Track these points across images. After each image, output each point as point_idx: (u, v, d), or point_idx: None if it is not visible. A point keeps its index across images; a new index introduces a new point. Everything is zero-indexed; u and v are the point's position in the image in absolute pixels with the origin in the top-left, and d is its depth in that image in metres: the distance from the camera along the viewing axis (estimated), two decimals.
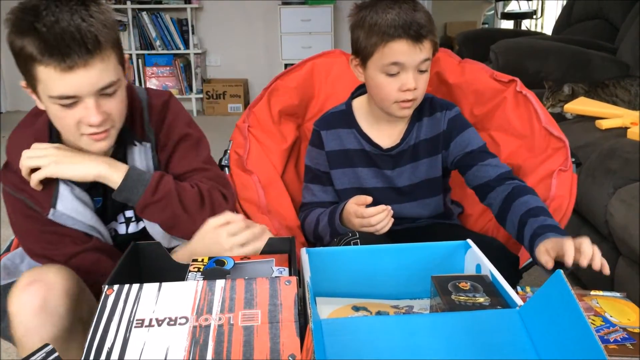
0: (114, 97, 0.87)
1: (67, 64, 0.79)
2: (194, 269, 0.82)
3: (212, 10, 4.38)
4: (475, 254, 0.89)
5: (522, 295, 0.95)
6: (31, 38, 0.79)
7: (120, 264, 0.83)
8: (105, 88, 0.84)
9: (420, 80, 1.08)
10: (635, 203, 1.32)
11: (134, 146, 0.98)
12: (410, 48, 1.03)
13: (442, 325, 0.68)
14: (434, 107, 1.20)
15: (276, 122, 1.36)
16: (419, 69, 1.07)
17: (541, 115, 1.24)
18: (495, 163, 1.14)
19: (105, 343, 0.65)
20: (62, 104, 0.83)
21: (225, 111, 4.31)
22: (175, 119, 1.01)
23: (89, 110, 0.84)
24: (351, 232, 1.09)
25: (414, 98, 1.09)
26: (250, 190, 1.22)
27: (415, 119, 1.19)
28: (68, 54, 0.78)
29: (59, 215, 0.91)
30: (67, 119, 0.85)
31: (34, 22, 0.78)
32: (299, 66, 1.40)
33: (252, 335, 0.65)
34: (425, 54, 1.06)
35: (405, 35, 1.02)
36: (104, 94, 0.85)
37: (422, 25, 1.03)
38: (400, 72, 1.06)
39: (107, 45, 0.82)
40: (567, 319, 0.62)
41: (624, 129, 1.66)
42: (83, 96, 0.83)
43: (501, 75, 1.33)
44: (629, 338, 0.86)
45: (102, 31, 0.81)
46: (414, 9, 1.05)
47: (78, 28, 0.79)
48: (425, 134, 1.19)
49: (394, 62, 1.05)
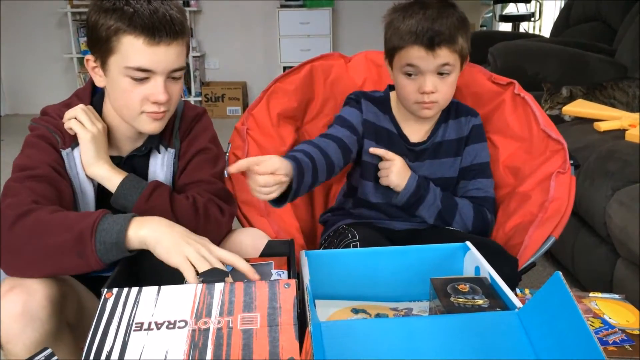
0: (177, 83, 0.95)
1: (156, 40, 0.87)
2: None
3: (211, 13, 4.39)
4: (474, 256, 0.89)
5: (520, 297, 0.95)
6: (123, 15, 0.87)
7: (120, 267, 0.83)
8: (176, 71, 0.92)
9: (442, 84, 1.11)
10: (634, 205, 1.32)
11: (159, 150, 1.03)
12: (425, 54, 1.08)
13: (441, 328, 0.68)
14: (459, 111, 1.25)
15: (275, 125, 1.37)
16: (439, 72, 1.10)
17: (539, 117, 1.25)
18: (483, 186, 1.22)
19: (104, 346, 0.65)
20: (135, 76, 0.90)
21: (224, 114, 4.31)
22: (201, 132, 1.06)
23: (158, 87, 0.91)
24: (351, 234, 1.09)
25: (434, 101, 1.12)
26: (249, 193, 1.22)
27: (443, 120, 1.23)
28: (159, 30, 0.87)
29: (71, 159, 0.95)
30: (134, 93, 0.91)
31: (124, 6, 0.88)
32: (298, 69, 1.40)
33: (251, 339, 0.65)
34: (442, 60, 1.08)
35: (418, 42, 1.07)
36: (172, 77, 0.93)
37: (439, 32, 1.06)
38: (419, 75, 1.10)
39: (185, 34, 0.92)
40: (566, 321, 0.62)
41: (622, 131, 1.67)
42: (157, 73, 0.90)
43: (499, 78, 1.34)
44: (628, 340, 0.86)
45: (184, 22, 0.92)
46: (438, 16, 1.08)
47: (168, 12, 0.89)
48: (450, 135, 1.23)
49: (410, 63, 1.10)
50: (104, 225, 0.80)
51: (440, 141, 1.22)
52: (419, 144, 1.22)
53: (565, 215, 1.13)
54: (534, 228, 1.12)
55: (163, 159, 1.03)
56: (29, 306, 0.81)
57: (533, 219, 1.14)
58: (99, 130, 0.96)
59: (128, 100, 0.92)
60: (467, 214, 1.18)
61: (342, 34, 4.42)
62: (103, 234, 0.80)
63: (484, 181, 1.23)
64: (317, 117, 1.43)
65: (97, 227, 0.80)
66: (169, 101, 0.93)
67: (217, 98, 4.30)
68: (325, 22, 4.15)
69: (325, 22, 4.16)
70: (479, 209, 1.20)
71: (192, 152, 1.03)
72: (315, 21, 4.14)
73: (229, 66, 4.52)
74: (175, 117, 1.04)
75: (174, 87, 0.94)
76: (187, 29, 0.93)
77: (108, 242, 0.80)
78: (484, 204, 1.21)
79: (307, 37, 4.16)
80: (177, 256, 0.79)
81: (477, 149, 1.23)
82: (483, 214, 1.20)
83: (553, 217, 1.13)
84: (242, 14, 4.39)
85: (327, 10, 4.14)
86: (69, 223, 0.81)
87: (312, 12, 4.14)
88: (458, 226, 1.18)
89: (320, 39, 4.17)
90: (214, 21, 4.41)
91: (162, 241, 0.80)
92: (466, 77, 1.37)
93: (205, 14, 4.40)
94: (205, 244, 0.81)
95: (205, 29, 4.42)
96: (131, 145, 1.02)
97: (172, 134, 1.04)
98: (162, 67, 0.90)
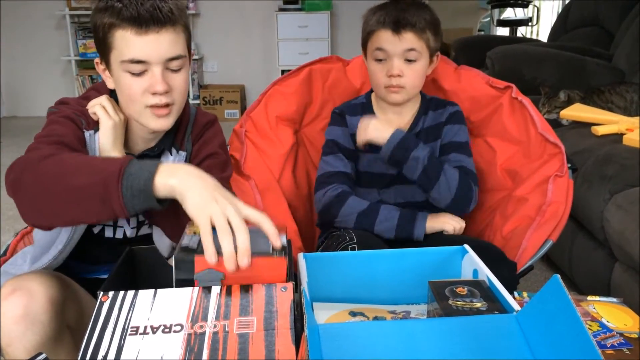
0: (178, 74, 0.94)
1: (143, 29, 0.88)
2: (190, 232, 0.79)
3: (209, 16, 4.39)
4: (472, 259, 0.89)
5: (519, 300, 0.95)
6: (113, 11, 0.89)
7: (116, 269, 0.83)
8: (172, 60, 0.92)
9: (409, 69, 1.18)
10: (632, 208, 1.32)
11: (171, 152, 1.03)
12: (391, 37, 1.16)
13: (439, 331, 0.68)
14: (439, 104, 1.30)
15: (273, 128, 1.36)
16: (406, 58, 1.17)
17: (537, 121, 1.25)
18: (462, 160, 1.22)
19: (99, 350, 0.64)
20: (132, 70, 0.90)
21: (222, 117, 4.31)
22: (212, 137, 1.07)
23: (155, 78, 0.91)
24: (349, 236, 1.09)
25: (401, 85, 1.18)
26: (247, 195, 1.22)
27: (422, 112, 1.28)
28: (145, 19, 0.88)
29: (92, 141, 0.95)
30: (134, 87, 0.91)
31: (115, 3, 0.89)
32: (296, 72, 1.40)
33: (247, 343, 0.65)
34: (408, 44, 1.16)
35: (385, 26, 1.16)
36: (170, 69, 0.92)
37: (405, 17, 1.15)
38: (387, 59, 1.18)
39: (178, 22, 0.92)
40: (564, 324, 0.61)
41: (620, 135, 1.67)
42: (152, 63, 0.90)
43: (497, 82, 1.34)
44: (626, 343, 0.86)
45: (175, 10, 0.91)
46: (408, 9, 1.16)
47: (156, 4, 0.89)
48: (428, 123, 1.27)
49: (378, 47, 1.18)
50: (132, 169, 0.75)
51: (419, 130, 1.26)
52: None
53: (562, 219, 1.13)
54: (531, 231, 1.12)
55: (174, 161, 1.03)
56: (30, 308, 0.80)
57: (531, 222, 1.14)
58: (120, 119, 0.97)
59: (131, 95, 0.92)
60: (452, 177, 1.16)
61: (340, 37, 4.43)
62: (130, 179, 0.74)
63: (463, 157, 1.23)
64: (315, 120, 1.43)
65: (125, 171, 0.74)
66: (171, 92, 0.93)
67: (215, 101, 4.30)
68: (324, 25, 4.16)
69: (323, 26, 4.16)
70: (465, 177, 1.18)
71: (202, 155, 1.04)
72: (313, 24, 4.15)
73: (227, 69, 4.52)
74: (188, 121, 1.05)
75: (174, 78, 0.93)
76: (180, 16, 0.92)
77: (135, 187, 0.74)
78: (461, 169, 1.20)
79: (306, 40, 4.17)
80: (203, 216, 0.72)
81: (455, 129, 1.26)
82: (468, 183, 1.18)
83: (550, 220, 1.13)
84: (241, 17, 4.39)
85: (326, 14, 4.15)
86: (95, 165, 0.78)
87: (311, 16, 4.15)
88: (442, 190, 1.16)
89: (319, 42, 4.17)
90: (213, 24, 4.41)
91: (191, 194, 0.74)
92: (464, 80, 1.37)
93: (204, 17, 4.40)
94: (234, 202, 0.75)
95: (203, 31, 4.42)
96: (144, 145, 1.02)
97: (185, 137, 1.04)
98: (156, 56, 0.90)
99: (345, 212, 1.18)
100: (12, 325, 0.79)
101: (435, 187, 1.16)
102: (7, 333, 0.80)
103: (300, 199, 1.39)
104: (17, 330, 0.79)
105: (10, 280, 0.83)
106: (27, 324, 0.80)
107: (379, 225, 1.16)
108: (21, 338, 0.80)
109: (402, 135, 1.17)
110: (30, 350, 0.80)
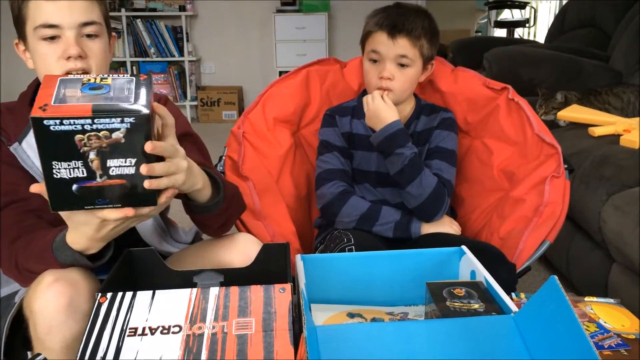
0: (94, 42, 0.94)
1: None
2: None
3: (207, 18, 4.39)
4: (470, 260, 0.89)
5: (516, 301, 0.95)
6: None
7: (114, 271, 0.83)
8: (86, 25, 0.92)
9: (400, 74, 1.20)
10: (629, 210, 1.33)
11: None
12: (386, 40, 1.18)
13: (437, 332, 0.68)
14: (433, 109, 1.31)
15: (271, 129, 1.36)
16: (399, 63, 1.19)
17: (533, 122, 1.25)
18: (443, 168, 1.23)
19: (97, 352, 0.64)
20: (44, 35, 0.90)
21: (219, 118, 4.30)
22: (178, 115, 1.04)
23: (68, 41, 0.91)
24: (346, 237, 1.09)
25: (390, 88, 1.20)
26: (245, 196, 1.22)
27: (415, 117, 1.29)
28: None
29: (20, 152, 0.94)
30: (49, 54, 0.91)
31: None
32: (294, 73, 1.40)
33: (245, 344, 0.65)
34: (401, 50, 1.18)
35: (382, 28, 1.19)
36: (85, 35, 0.93)
37: (401, 23, 1.17)
38: (380, 61, 1.20)
39: None
40: (561, 325, 0.62)
41: (617, 136, 1.68)
42: (64, 28, 0.91)
43: (494, 83, 1.34)
44: (624, 344, 0.86)
45: None
46: (408, 15, 1.19)
47: None
48: (420, 128, 1.29)
49: (373, 49, 1.21)
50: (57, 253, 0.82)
51: (411, 133, 1.27)
52: None
53: (559, 220, 1.14)
54: (528, 232, 1.12)
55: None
56: (75, 299, 0.80)
57: (528, 223, 1.14)
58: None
59: (47, 63, 0.92)
60: (428, 184, 1.17)
61: (337, 39, 4.43)
62: (62, 256, 0.82)
63: (445, 165, 1.23)
64: (313, 122, 1.43)
65: (54, 254, 0.81)
66: (87, 59, 0.92)
67: (213, 102, 4.29)
68: (321, 27, 4.16)
69: (321, 27, 4.16)
70: (440, 187, 1.19)
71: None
72: (311, 26, 4.15)
73: (224, 70, 4.51)
74: None
75: (90, 45, 0.93)
76: None
77: (68, 261, 0.82)
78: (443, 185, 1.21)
79: (303, 41, 4.17)
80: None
81: (444, 134, 1.27)
82: (441, 193, 1.19)
83: (548, 221, 1.13)
84: (238, 19, 4.39)
85: (323, 15, 4.15)
86: (46, 257, 0.83)
87: (308, 17, 4.15)
88: (414, 192, 1.17)
89: (316, 43, 4.17)
90: (210, 25, 4.41)
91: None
92: (461, 82, 1.37)
93: (201, 19, 4.40)
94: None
95: (201, 33, 4.42)
96: None
97: None
98: (68, 20, 0.90)
99: (346, 212, 1.21)
100: (54, 313, 0.79)
101: (408, 187, 1.18)
102: (48, 321, 0.79)
103: (299, 200, 1.39)
104: (58, 319, 0.79)
105: (51, 271, 0.83)
106: (69, 313, 0.79)
107: (379, 226, 1.19)
108: (62, 327, 0.79)
109: (397, 128, 1.18)
110: (68, 340, 0.78)
